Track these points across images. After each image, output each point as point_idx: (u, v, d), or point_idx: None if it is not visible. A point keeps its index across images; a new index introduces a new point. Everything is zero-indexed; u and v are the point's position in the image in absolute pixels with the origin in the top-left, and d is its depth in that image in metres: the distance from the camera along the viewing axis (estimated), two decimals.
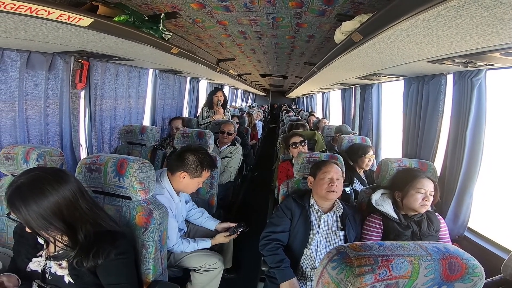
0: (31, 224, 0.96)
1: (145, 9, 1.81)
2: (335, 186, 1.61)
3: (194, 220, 2.06)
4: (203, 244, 1.82)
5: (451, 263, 0.62)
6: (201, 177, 1.73)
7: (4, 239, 1.60)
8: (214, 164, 1.80)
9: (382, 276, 0.59)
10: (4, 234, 1.60)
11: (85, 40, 1.54)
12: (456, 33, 0.93)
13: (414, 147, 2.20)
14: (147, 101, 3.39)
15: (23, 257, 1.16)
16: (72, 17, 1.06)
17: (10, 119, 1.82)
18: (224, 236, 1.93)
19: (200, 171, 1.70)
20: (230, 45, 3.27)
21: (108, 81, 2.59)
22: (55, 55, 1.99)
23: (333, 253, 0.65)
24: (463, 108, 1.71)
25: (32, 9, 0.95)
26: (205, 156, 1.74)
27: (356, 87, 3.77)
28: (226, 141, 3.19)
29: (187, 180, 1.70)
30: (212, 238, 1.89)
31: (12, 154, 1.52)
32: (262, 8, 1.93)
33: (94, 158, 1.38)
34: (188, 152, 1.71)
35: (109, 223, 1.13)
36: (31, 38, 1.42)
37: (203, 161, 1.71)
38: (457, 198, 1.81)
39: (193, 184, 1.73)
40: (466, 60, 1.31)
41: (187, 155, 1.69)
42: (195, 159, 1.69)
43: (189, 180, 1.70)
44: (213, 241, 1.89)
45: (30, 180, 0.97)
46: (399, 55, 1.42)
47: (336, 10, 1.78)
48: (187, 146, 1.79)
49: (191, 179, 1.71)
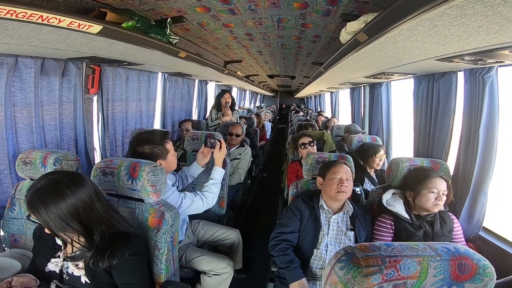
0: (50, 225, 1.01)
1: (152, 14, 1.85)
2: (344, 186, 1.60)
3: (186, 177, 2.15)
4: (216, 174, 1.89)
5: (461, 264, 0.62)
6: (169, 151, 1.70)
7: (23, 241, 1.66)
8: (162, 132, 1.73)
9: (389, 276, 0.59)
10: (23, 236, 1.66)
11: (96, 46, 1.58)
12: (462, 31, 0.92)
13: (426, 146, 2.16)
14: (157, 104, 3.44)
15: (42, 258, 1.20)
16: (82, 25, 1.10)
17: (27, 124, 1.87)
18: (200, 154, 2.07)
19: (163, 149, 1.66)
20: (237, 47, 3.30)
21: (119, 85, 2.65)
22: (68, 61, 2.04)
23: (341, 253, 0.65)
24: (475, 105, 1.67)
25: (43, 17, 0.99)
26: (150, 136, 1.67)
27: (365, 86, 3.73)
28: (235, 142, 3.21)
29: (164, 163, 1.68)
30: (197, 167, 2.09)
31: (30, 159, 1.58)
32: (266, 10, 1.94)
33: (108, 162, 1.41)
34: (140, 148, 1.64)
35: (123, 225, 1.17)
36: (43, 45, 1.46)
37: (153, 141, 1.65)
38: (471, 197, 1.77)
39: (171, 162, 1.73)
40: (476, 58, 1.28)
41: (143, 150, 1.63)
42: (147, 148, 1.63)
43: (166, 162, 1.68)
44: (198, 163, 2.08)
45: (50, 184, 1.01)
46: (406, 54, 1.40)
47: (341, 10, 1.77)
48: (131, 147, 1.70)
49: (166, 160, 1.69)
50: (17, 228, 1.67)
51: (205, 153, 2.08)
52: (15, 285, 1.11)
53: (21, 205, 1.64)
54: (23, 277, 1.15)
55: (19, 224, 1.66)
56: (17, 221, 1.66)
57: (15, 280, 1.12)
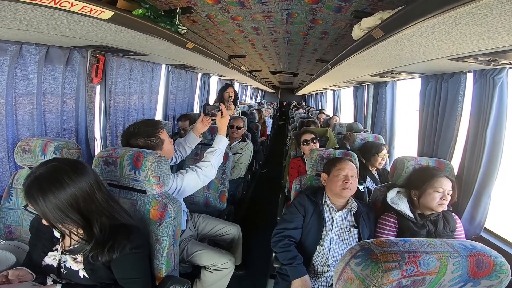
0: (48, 216, 0.96)
1: (161, 3, 1.82)
2: (349, 183, 1.60)
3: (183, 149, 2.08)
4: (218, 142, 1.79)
5: (479, 260, 0.61)
6: (164, 140, 1.62)
7: (18, 233, 1.60)
8: (153, 122, 1.65)
9: (409, 272, 0.58)
10: (18, 227, 1.60)
11: (104, 34, 1.55)
12: (484, 31, 0.90)
13: (430, 146, 2.16)
14: (159, 96, 3.41)
15: (39, 251, 1.16)
16: (94, 10, 1.07)
17: (28, 112, 1.84)
18: (200, 123, 1.98)
19: (157, 140, 1.59)
20: (242, 41, 3.27)
21: (122, 76, 2.62)
22: (73, 50, 2.01)
23: (356, 249, 0.64)
24: (483, 107, 1.67)
25: (56, 1, 0.96)
26: (142, 128, 1.58)
27: (369, 84, 3.72)
28: (236, 136, 3.20)
29: (161, 153, 1.58)
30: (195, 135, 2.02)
31: (29, 146, 1.53)
32: (277, 3, 1.91)
33: (110, 151, 1.37)
34: (133, 142, 1.56)
35: (124, 216, 1.13)
36: (51, 31, 1.43)
37: (145, 133, 1.57)
38: (475, 198, 1.78)
39: (168, 151, 1.66)
40: (490, 58, 1.27)
41: (136, 144, 1.56)
42: (141, 141, 1.56)
43: (162, 151, 1.61)
44: (195, 132, 2.00)
45: (49, 171, 0.96)
46: (420, 52, 1.39)
47: (353, 6, 1.75)
48: (123, 142, 1.60)
49: (163, 150, 1.62)
50: (13, 219, 1.61)
51: (205, 122, 1.98)
52: (12, 278, 1.07)
53: (18, 194, 1.59)
54: (19, 271, 1.10)
55: (15, 215, 1.60)
56: (13, 211, 1.60)
57: (11, 274, 1.07)
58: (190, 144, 2.08)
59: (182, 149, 2.07)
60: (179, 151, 2.06)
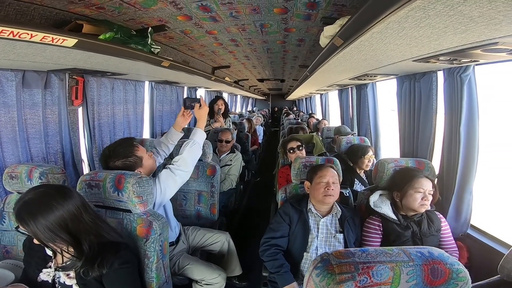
0: (39, 236, 1.03)
1: (132, 24, 1.83)
2: (331, 190, 1.61)
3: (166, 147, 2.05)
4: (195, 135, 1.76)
5: (434, 268, 0.62)
6: (142, 157, 1.61)
7: (15, 252, 1.68)
8: (127, 142, 1.62)
9: (362, 283, 0.58)
10: (14, 247, 1.68)
11: (74, 59, 1.56)
12: (430, 32, 0.93)
13: (411, 145, 2.18)
14: (145, 112, 3.40)
15: (33, 268, 1.22)
16: (56, 39, 1.08)
17: (11, 139, 1.85)
18: (180, 117, 1.97)
19: (135, 159, 1.57)
20: (223, 53, 3.30)
21: (104, 96, 2.61)
22: (49, 73, 2.01)
23: (317, 260, 0.65)
24: (454, 104, 1.70)
25: (14, 33, 0.97)
26: (117, 150, 1.57)
27: (352, 87, 3.76)
28: (225, 149, 3.20)
29: (143, 170, 1.61)
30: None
31: (16, 173, 1.57)
32: (248, 16, 1.94)
33: (93, 175, 1.42)
34: (111, 164, 1.56)
35: (112, 234, 1.19)
36: (21, 59, 1.45)
37: (121, 154, 1.56)
38: (457, 195, 1.79)
39: (149, 166, 1.65)
40: (450, 58, 1.30)
41: (115, 166, 1.55)
42: (119, 162, 1.55)
43: (144, 168, 1.61)
44: (177, 127, 1.98)
45: (37, 196, 1.03)
46: (383, 56, 1.42)
47: (320, 13, 1.78)
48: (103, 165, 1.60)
49: (143, 166, 1.61)
50: (8, 240, 1.69)
51: (185, 116, 1.98)
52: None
53: (10, 217, 1.66)
54: (17, 287, 1.16)
55: (9, 236, 1.68)
56: (8, 233, 1.68)
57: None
58: (172, 141, 2.05)
59: (164, 147, 2.04)
60: (162, 150, 2.03)
